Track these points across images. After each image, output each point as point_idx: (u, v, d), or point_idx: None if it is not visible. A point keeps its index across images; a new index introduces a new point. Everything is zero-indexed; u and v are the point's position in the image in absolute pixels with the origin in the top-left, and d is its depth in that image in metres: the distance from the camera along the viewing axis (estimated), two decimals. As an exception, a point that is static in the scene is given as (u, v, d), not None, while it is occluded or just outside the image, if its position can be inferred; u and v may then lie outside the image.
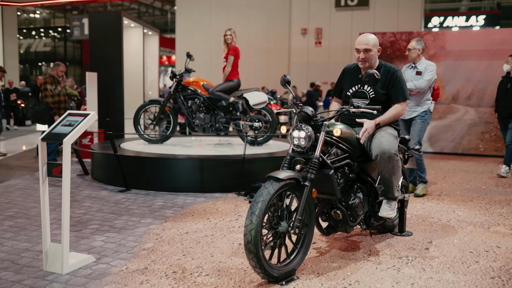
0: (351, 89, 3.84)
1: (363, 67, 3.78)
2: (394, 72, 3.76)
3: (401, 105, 3.73)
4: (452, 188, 6.34)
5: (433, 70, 5.68)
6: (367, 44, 3.70)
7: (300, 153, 3.30)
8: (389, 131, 3.67)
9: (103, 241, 3.93)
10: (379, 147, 3.53)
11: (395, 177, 3.64)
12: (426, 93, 5.79)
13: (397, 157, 3.59)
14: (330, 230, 3.61)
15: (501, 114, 7.43)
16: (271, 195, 2.96)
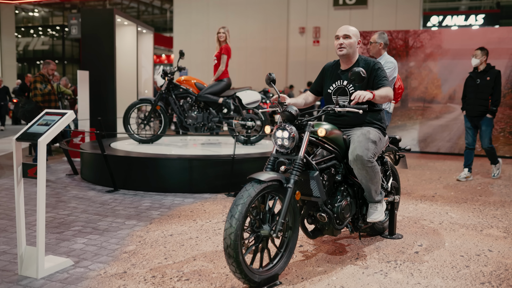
0: (331, 86, 3.70)
1: (341, 54, 3.60)
2: (374, 64, 3.61)
3: (389, 88, 3.52)
4: (446, 189, 6.23)
5: (391, 68, 5.11)
6: (348, 31, 3.58)
7: (283, 154, 3.19)
8: (368, 134, 3.48)
9: (84, 244, 3.82)
10: (353, 152, 3.37)
11: (372, 183, 3.49)
12: None
13: (371, 164, 3.39)
14: (316, 233, 3.50)
15: (470, 112, 6.81)
16: (252, 197, 2.85)
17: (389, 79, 4.87)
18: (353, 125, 3.61)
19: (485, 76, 6.71)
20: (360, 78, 3.16)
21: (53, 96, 7.75)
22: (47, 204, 5.11)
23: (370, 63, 3.59)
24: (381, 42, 5.24)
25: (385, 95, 3.42)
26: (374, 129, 3.61)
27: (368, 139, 3.46)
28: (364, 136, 3.47)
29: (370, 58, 3.68)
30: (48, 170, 7.31)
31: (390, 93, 3.46)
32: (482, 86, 6.69)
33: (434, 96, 9.63)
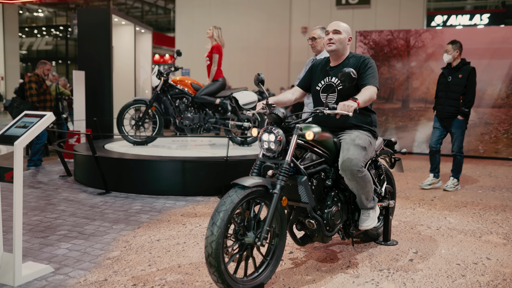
0: (320, 83, 3.55)
1: (330, 49, 3.45)
2: (364, 60, 3.45)
3: (373, 87, 3.34)
4: (446, 192, 6.08)
5: None
6: (338, 26, 3.45)
7: (270, 158, 3.06)
8: (358, 140, 3.32)
9: (67, 249, 3.71)
10: (341, 164, 3.23)
11: (363, 192, 3.34)
12: None
13: (361, 173, 3.24)
14: (306, 240, 3.36)
15: (440, 113, 6.23)
16: (234, 204, 2.73)
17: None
18: (341, 128, 3.47)
19: (457, 73, 6.07)
20: (351, 79, 3.03)
21: (48, 96, 7.65)
22: (35, 207, 5.00)
23: (360, 59, 3.45)
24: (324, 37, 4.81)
25: (369, 98, 3.24)
26: (363, 133, 3.45)
27: (356, 146, 3.28)
28: (352, 143, 3.29)
29: (361, 54, 3.54)
30: (42, 171, 7.21)
31: (373, 93, 3.28)
32: (453, 84, 6.06)
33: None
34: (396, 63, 9.65)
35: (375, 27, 18.74)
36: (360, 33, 9.94)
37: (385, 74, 9.75)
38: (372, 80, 3.36)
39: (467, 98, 6.02)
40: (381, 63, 9.74)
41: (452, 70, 6.12)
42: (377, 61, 9.76)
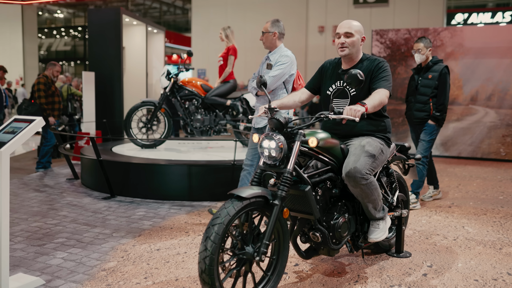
0: (331, 87, 3.33)
1: (343, 54, 3.23)
2: (378, 63, 3.21)
3: (384, 90, 3.10)
4: (465, 198, 5.79)
5: (285, 63, 4.23)
6: (349, 28, 3.19)
7: (271, 166, 2.86)
8: (368, 147, 3.09)
9: (63, 259, 3.56)
10: (345, 168, 2.99)
11: (368, 200, 3.11)
12: (276, 93, 4.34)
13: (366, 181, 2.99)
14: (311, 253, 3.15)
15: (409, 119, 5.58)
16: (230, 216, 2.53)
17: (278, 79, 4.23)
18: (353, 135, 3.25)
19: (427, 73, 5.34)
20: (358, 82, 2.80)
21: (56, 98, 7.56)
22: (37, 212, 4.89)
23: (374, 62, 3.22)
24: (275, 31, 4.35)
25: (379, 102, 2.99)
26: (376, 139, 3.22)
27: (364, 152, 3.05)
28: (360, 149, 3.07)
29: (376, 57, 3.31)
30: (49, 174, 7.12)
31: (383, 97, 3.03)
32: (422, 86, 5.34)
33: (455, 97, 9.13)
34: (413, 63, 9.33)
35: (393, 26, 18.35)
36: (376, 32, 9.65)
37: (402, 74, 9.45)
38: (384, 83, 3.12)
39: (438, 100, 5.30)
40: (398, 63, 9.45)
41: (422, 70, 5.40)
42: (394, 60, 9.47)
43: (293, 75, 4.37)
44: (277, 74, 4.23)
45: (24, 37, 27.19)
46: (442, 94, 5.30)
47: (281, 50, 4.40)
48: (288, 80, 4.36)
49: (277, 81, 4.27)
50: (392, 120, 9.59)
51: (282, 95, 4.31)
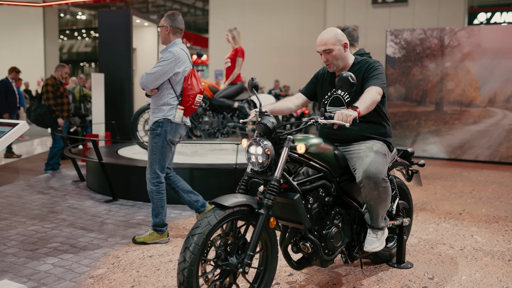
0: (326, 95, 3.20)
1: (331, 70, 3.12)
2: (369, 64, 3.06)
3: (375, 88, 2.92)
4: (478, 204, 5.56)
5: (167, 60, 3.81)
6: (325, 45, 3.00)
7: (258, 173, 2.73)
8: (376, 147, 3.02)
9: (52, 265, 3.49)
10: (364, 170, 2.89)
11: (381, 206, 2.99)
12: (162, 94, 3.91)
13: (385, 183, 2.93)
14: (303, 263, 3.01)
15: None
16: (211, 226, 2.41)
17: (158, 77, 3.78)
18: (352, 140, 3.11)
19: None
20: (349, 84, 2.66)
21: (65, 99, 7.57)
22: (36, 215, 4.85)
23: (365, 64, 3.08)
24: (167, 25, 3.98)
25: (371, 103, 2.81)
26: (379, 142, 3.11)
27: (377, 153, 2.97)
28: (372, 151, 2.97)
29: (367, 59, 3.15)
30: (57, 176, 7.12)
31: (374, 95, 2.86)
32: None
33: (472, 99, 8.86)
34: (429, 63, 9.09)
35: (412, 26, 18.02)
36: (391, 32, 9.43)
37: (417, 75, 9.21)
38: (375, 81, 2.96)
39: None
40: (413, 64, 9.21)
41: None
42: (409, 61, 9.24)
43: (179, 74, 3.89)
44: (154, 71, 3.79)
45: (46, 39, 27.58)
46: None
47: (173, 45, 3.97)
48: (174, 79, 3.89)
49: (157, 80, 3.81)
50: (407, 123, 9.35)
51: (168, 95, 3.91)
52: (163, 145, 3.91)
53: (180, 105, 3.94)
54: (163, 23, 3.98)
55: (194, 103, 3.98)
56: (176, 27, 3.99)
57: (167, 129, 3.89)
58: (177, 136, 3.99)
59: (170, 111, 3.90)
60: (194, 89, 3.96)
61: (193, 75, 3.99)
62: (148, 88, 3.85)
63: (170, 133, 3.91)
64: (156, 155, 3.92)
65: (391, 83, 9.44)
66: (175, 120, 3.91)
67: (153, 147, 3.91)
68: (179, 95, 3.94)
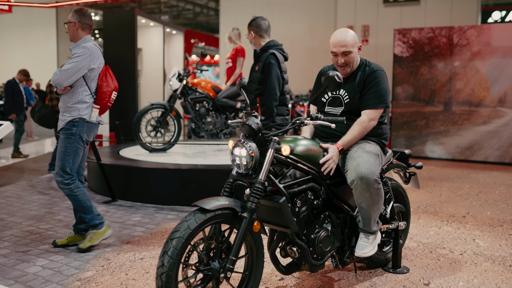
0: (326, 94, 3.15)
1: (345, 73, 3.06)
2: (372, 72, 3.01)
3: (367, 114, 2.96)
4: (483, 207, 5.42)
5: (82, 55, 3.65)
6: (346, 46, 2.95)
7: (243, 175, 2.66)
8: (368, 147, 2.95)
9: (42, 267, 3.46)
10: (356, 171, 2.81)
11: (373, 209, 2.91)
12: (76, 91, 3.71)
13: (378, 184, 2.86)
14: (292, 268, 2.93)
15: None
16: (191, 230, 2.35)
17: (70, 74, 3.59)
18: None
19: (255, 65, 4.35)
20: (335, 84, 2.58)
21: (69, 99, 7.56)
22: (33, 216, 4.83)
23: (370, 69, 3.04)
24: (75, 21, 3.79)
25: (357, 135, 2.94)
26: (372, 143, 3.03)
27: (369, 153, 2.90)
28: (363, 151, 2.90)
29: (373, 64, 3.08)
30: (60, 176, 7.11)
31: (364, 126, 2.93)
32: (249, 82, 4.33)
33: (481, 99, 8.68)
34: (437, 62, 8.93)
35: (424, 25, 17.78)
36: (399, 31, 9.29)
37: (425, 75, 9.05)
38: (373, 101, 2.97)
39: (261, 101, 4.11)
40: (421, 63, 9.06)
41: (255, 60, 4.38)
42: (417, 60, 9.09)
43: (94, 70, 3.74)
44: (69, 68, 3.61)
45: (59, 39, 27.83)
46: (265, 91, 4.06)
47: (85, 41, 3.80)
48: (89, 76, 3.73)
49: (72, 76, 3.62)
50: (415, 123, 9.20)
51: (83, 93, 3.72)
52: (78, 145, 3.74)
53: (96, 103, 3.79)
54: (71, 19, 3.80)
55: (109, 100, 3.83)
56: (85, 23, 3.83)
57: (83, 129, 3.74)
58: (92, 136, 3.85)
59: (85, 110, 3.73)
60: (110, 86, 3.83)
61: (107, 72, 3.87)
62: (62, 86, 3.66)
63: (86, 133, 3.77)
64: (70, 157, 3.71)
65: (398, 82, 9.30)
66: (91, 120, 3.76)
67: (66, 148, 3.70)
68: (93, 92, 3.80)
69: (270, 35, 4.49)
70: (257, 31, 4.21)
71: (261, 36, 4.24)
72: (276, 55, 4.12)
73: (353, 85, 3.04)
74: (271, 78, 4.06)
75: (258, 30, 4.19)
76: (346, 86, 3.06)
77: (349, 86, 3.05)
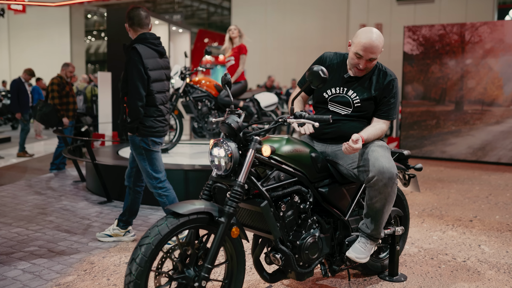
0: (329, 90, 2.93)
1: (359, 75, 2.86)
2: (391, 81, 2.84)
3: (386, 124, 2.89)
4: (492, 210, 5.17)
5: None
6: (375, 54, 2.74)
7: (222, 177, 2.49)
8: (378, 142, 2.81)
9: (22, 270, 3.34)
10: (376, 166, 2.64)
11: (387, 209, 2.75)
12: None
13: (396, 181, 2.72)
14: (278, 276, 2.75)
15: None
16: (162, 236, 2.19)
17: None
18: (343, 137, 2.81)
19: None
20: (320, 80, 2.40)
21: (71, 98, 7.49)
22: (25, 217, 4.73)
23: (387, 76, 2.86)
24: None
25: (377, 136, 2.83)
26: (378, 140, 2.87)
27: (383, 147, 2.78)
28: (376, 145, 2.76)
29: (387, 70, 2.89)
30: (60, 176, 7.04)
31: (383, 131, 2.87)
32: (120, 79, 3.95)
33: (494, 97, 8.38)
34: (448, 60, 8.66)
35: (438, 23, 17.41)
36: (409, 28, 9.03)
37: (436, 73, 8.79)
38: (391, 112, 2.89)
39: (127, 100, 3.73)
40: (432, 61, 8.79)
41: None
42: (427, 58, 8.82)
43: None
44: None
45: (72, 39, 27.97)
46: (129, 89, 3.66)
47: None
48: None
49: None
50: (425, 123, 8.94)
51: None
52: None
53: None
54: None
55: None
56: None
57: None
58: None
59: None
60: None
61: None
62: None
63: None
64: None
65: (408, 81, 9.04)
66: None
67: None
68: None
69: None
70: (129, 24, 3.83)
71: (134, 29, 3.82)
72: (138, 50, 3.63)
73: (366, 90, 2.84)
74: (131, 76, 3.62)
75: (130, 22, 3.82)
76: (356, 87, 2.85)
77: (361, 89, 2.84)
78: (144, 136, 3.72)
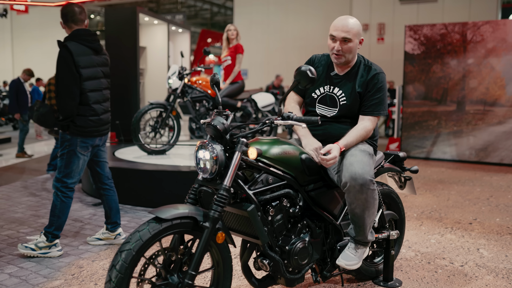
0: (318, 90, 2.87)
1: (338, 62, 2.79)
2: (375, 74, 2.75)
3: (371, 120, 2.76)
4: (492, 213, 5.08)
5: None
6: (348, 32, 2.67)
7: (208, 180, 2.42)
8: (362, 146, 2.71)
9: (9, 274, 3.27)
10: (349, 171, 2.56)
11: (368, 214, 2.64)
12: None
13: (373, 186, 2.61)
14: (267, 282, 2.68)
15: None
16: (143, 242, 2.11)
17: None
18: (335, 139, 2.73)
19: None
20: (308, 80, 2.32)
21: (68, 99, 7.43)
22: (17, 219, 4.67)
23: (370, 73, 2.76)
24: None
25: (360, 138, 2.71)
26: (365, 143, 2.78)
27: (363, 152, 2.67)
28: (357, 149, 2.67)
29: (372, 65, 2.80)
30: (57, 177, 6.97)
31: (368, 131, 2.74)
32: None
33: (496, 98, 8.28)
34: (450, 60, 8.56)
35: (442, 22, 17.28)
36: (410, 27, 8.93)
37: (437, 73, 8.69)
38: (377, 107, 2.75)
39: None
40: (433, 61, 8.69)
41: None
42: (429, 58, 8.72)
43: None
44: None
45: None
46: (59, 88, 3.58)
47: None
48: None
49: None
50: (426, 123, 8.84)
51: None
52: None
53: None
54: None
55: None
56: None
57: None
58: None
59: None
60: None
61: None
62: None
63: None
64: None
65: (409, 81, 8.95)
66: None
67: None
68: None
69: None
70: (64, 21, 3.69)
71: (69, 26, 3.68)
72: (68, 47, 3.49)
73: (352, 86, 2.77)
74: (61, 75, 3.53)
75: (64, 19, 3.68)
76: (343, 85, 2.79)
77: (347, 87, 2.78)
78: (74, 135, 3.61)
